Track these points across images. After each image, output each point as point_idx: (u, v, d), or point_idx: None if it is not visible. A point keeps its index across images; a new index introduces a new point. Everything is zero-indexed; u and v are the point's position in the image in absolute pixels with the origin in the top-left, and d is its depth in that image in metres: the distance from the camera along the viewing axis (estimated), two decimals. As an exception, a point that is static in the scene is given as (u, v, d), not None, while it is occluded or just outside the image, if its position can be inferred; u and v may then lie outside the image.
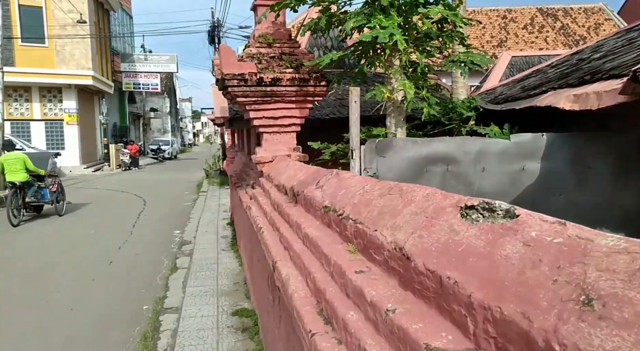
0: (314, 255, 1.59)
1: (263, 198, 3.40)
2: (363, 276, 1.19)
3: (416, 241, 1.07)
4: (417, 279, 1.00)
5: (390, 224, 1.23)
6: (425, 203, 1.19)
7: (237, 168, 7.36)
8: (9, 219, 9.40)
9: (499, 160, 3.35)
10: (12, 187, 9.53)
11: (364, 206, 1.44)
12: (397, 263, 1.12)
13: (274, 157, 4.07)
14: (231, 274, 5.89)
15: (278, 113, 4.03)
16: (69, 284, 5.91)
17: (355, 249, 1.37)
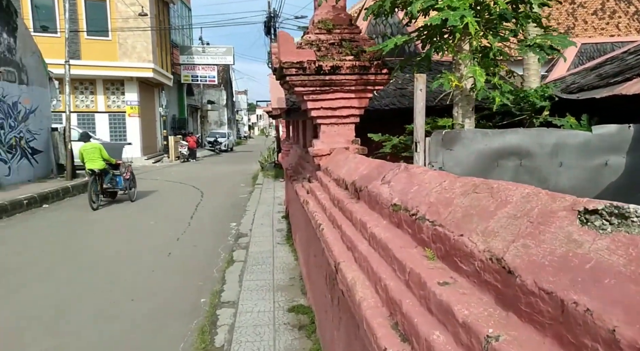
0: (383, 259, 1.43)
1: (321, 192, 3.27)
2: (449, 289, 1.02)
3: (520, 251, 0.88)
4: (525, 300, 0.81)
5: (480, 228, 1.04)
6: (525, 204, 0.99)
7: (293, 161, 7.30)
8: (90, 204, 10.49)
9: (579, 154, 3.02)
10: (92, 174, 10.56)
11: (443, 205, 1.26)
12: (492, 276, 0.93)
13: (331, 150, 3.93)
14: (287, 268, 5.84)
15: (336, 103, 3.88)
16: (130, 275, 6.11)
17: (434, 255, 1.20)
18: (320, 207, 2.95)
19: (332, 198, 2.75)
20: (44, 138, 15.06)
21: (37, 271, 6.26)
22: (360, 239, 1.77)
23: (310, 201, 3.45)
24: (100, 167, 10.60)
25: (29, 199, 11.12)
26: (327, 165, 3.66)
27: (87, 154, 10.57)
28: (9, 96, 13.27)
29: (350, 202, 2.23)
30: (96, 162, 10.55)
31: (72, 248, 7.45)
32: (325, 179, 3.36)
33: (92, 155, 10.57)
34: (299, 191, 4.49)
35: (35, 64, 14.82)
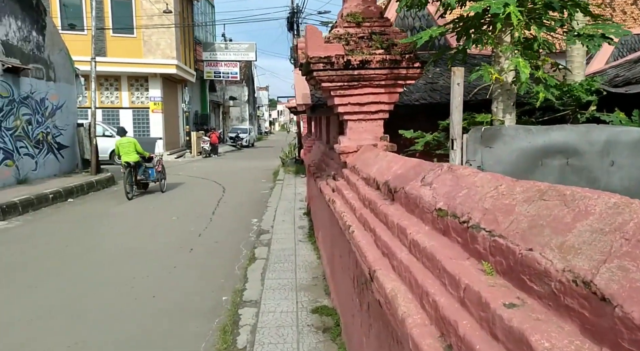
0: (429, 270, 1.29)
1: (349, 191, 3.13)
2: (519, 312, 0.87)
3: (616, 275, 0.73)
4: (630, 337, 0.66)
5: (555, 243, 0.89)
6: (615, 216, 0.84)
7: (315, 158, 7.18)
8: (125, 194, 11.31)
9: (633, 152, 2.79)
10: (127, 166, 11.29)
11: (502, 213, 1.10)
12: (577, 301, 0.78)
13: (358, 147, 3.78)
14: (309, 267, 5.73)
15: (365, 99, 3.73)
16: (152, 270, 6.08)
17: (492, 270, 1.05)
18: (349, 207, 2.81)
19: (362, 198, 2.61)
20: (69, 133, 15.30)
21: (59, 266, 6.30)
22: (398, 246, 1.62)
23: (336, 200, 3.32)
24: (134, 160, 11.29)
25: (55, 194, 11.29)
26: (354, 163, 3.52)
27: (123, 147, 11.31)
28: (37, 93, 13.50)
29: (384, 204, 2.08)
30: (131, 155, 11.26)
31: (94, 243, 7.49)
32: (353, 177, 3.22)
33: (128, 149, 11.30)
34: (324, 188, 4.36)
35: (62, 61, 15.04)
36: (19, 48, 12.66)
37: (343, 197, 3.20)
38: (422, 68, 3.62)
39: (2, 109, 11.88)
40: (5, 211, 9.34)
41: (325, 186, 4.47)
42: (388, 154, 2.78)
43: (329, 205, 3.63)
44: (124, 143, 11.40)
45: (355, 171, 3.31)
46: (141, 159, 11.62)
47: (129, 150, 11.33)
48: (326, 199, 3.89)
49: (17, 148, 12.48)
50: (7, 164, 12.06)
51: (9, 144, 12.15)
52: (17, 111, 12.55)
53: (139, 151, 11.52)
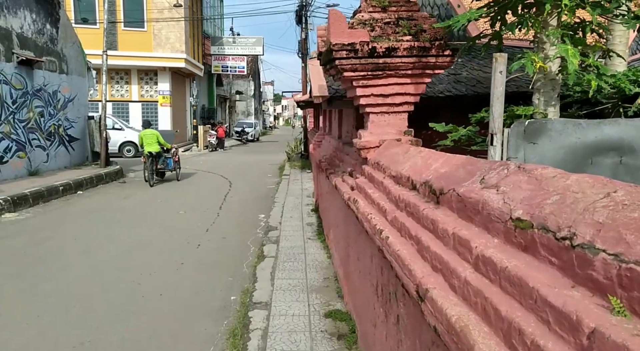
0: (515, 299, 1.01)
1: (374, 190, 2.85)
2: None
3: None
4: None
5: None
6: None
7: (327, 153, 6.90)
8: (148, 182, 12.25)
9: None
10: (150, 156, 12.22)
11: (631, 231, 0.82)
12: None
13: (380, 142, 3.50)
14: (320, 267, 5.47)
15: (389, 90, 3.44)
16: (159, 267, 5.85)
17: (623, 308, 0.78)
18: (377, 209, 2.53)
19: (394, 199, 2.33)
20: (80, 126, 15.13)
21: (66, 260, 6.08)
22: (457, 261, 1.34)
23: (359, 199, 3.04)
24: (156, 150, 12.26)
25: (65, 186, 11.12)
26: (377, 159, 3.23)
27: (146, 138, 12.28)
28: (49, 85, 13.31)
29: (428, 207, 1.80)
30: (153, 146, 12.20)
31: (101, 237, 7.27)
32: (378, 175, 2.94)
33: (151, 140, 12.26)
34: (340, 186, 4.09)
35: (75, 54, 14.85)
36: (33, 40, 12.47)
37: (367, 196, 2.92)
38: (453, 56, 3.32)
39: (15, 101, 11.72)
40: (16, 203, 9.17)
41: (341, 183, 4.20)
42: (422, 150, 2.49)
43: (349, 204, 3.35)
44: (147, 134, 12.36)
45: (379, 168, 3.03)
46: (162, 150, 12.55)
47: (152, 141, 12.25)
48: (344, 198, 3.61)
49: (30, 140, 12.34)
50: (20, 155, 11.91)
51: (21, 136, 12.00)
52: (30, 103, 12.39)
53: (161, 142, 12.47)
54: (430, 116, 4.12)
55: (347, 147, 5.03)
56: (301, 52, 18.91)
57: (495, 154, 2.61)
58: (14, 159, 11.56)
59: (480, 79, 4.47)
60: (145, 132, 12.54)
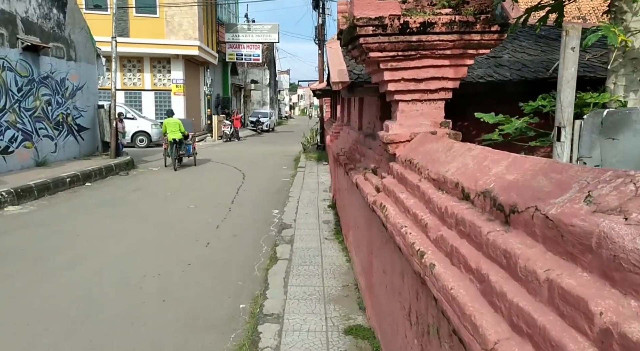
0: None
1: (407, 195, 2.35)
2: None
3: None
4: None
5: None
6: None
7: (345, 146, 6.38)
8: (174, 166, 13.39)
9: None
10: (173, 143, 13.29)
11: None
12: None
13: (412, 135, 2.98)
14: (338, 272, 4.99)
15: (423, 73, 2.91)
16: (164, 268, 5.46)
17: None
18: (413, 221, 2.03)
19: (438, 210, 1.82)
20: (90, 115, 14.85)
21: (66, 259, 5.72)
22: (564, 330, 0.84)
23: (388, 205, 2.54)
24: (179, 137, 13.30)
25: (72, 178, 10.84)
26: (408, 156, 2.72)
27: (170, 126, 13.36)
28: (57, 72, 13.00)
29: (494, 230, 1.29)
30: (176, 133, 13.24)
31: (106, 233, 6.92)
32: (412, 176, 2.43)
33: (174, 128, 13.31)
34: (362, 185, 3.58)
35: (83, 40, 14.50)
36: (39, 26, 12.13)
37: (398, 202, 2.42)
38: (502, 32, 2.77)
39: (21, 88, 11.42)
40: (20, 195, 8.89)
41: (363, 182, 3.70)
42: (471, 146, 1.97)
43: (374, 209, 2.85)
44: (171, 123, 13.45)
45: (412, 168, 2.52)
46: (182, 137, 13.54)
47: (175, 129, 13.30)
48: (368, 201, 3.11)
49: (37, 129, 12.06)
50: (26, 145, 11.65)
51: (28, 125, 11.72)
52: (37, 91, 12.09)
53: (182, 130, 13.45)
54: (465, 105, 3.58)
55: (369, 140, 4.52)
56: (318, 38, 18.29)
57: (564, 153, 2.08)
58: (20, 149, 11.30)
59: (525, 62, 3.89)
60: (169, 120, 13.60)
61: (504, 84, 3.57)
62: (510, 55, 4.15)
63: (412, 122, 3.04)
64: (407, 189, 2.44)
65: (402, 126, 3.04)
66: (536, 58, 3.95)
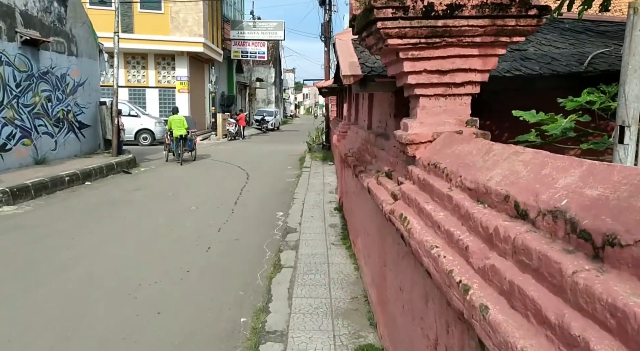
0: None
1: (434, 206, 1.98)
2: None
3: None
4: None
5: None
6: None
7: (354, 146, 6.02)
8: (179, 161, 14.15)
9: None
10: (179, 139, 14.16)
11: None
12: None
13: (435, 135, 2.61)
14: (346, 282, 4.62)
15: (448, 64, 2.54)
16: (161, 275, 5.12)
17: None
18: (449, 241, 1.66)
19: (482, 230, 1.45)
20: (92, 112, 14.56)
21: (59, 264, 5.41)
22: None
23: (410, 218, 2.17)
24: (184, 133, 14.17)
25: (71, 176, 10.55)
26: (433, 159, 2.36)
27: (175, 123, 14.14)
28: (57, 67, 12.70)
29: (582, 268, 0.93)
30: (181, 129, 14.10)
31: (103, 236, 6.59)
32: (438, 183, 2.06)
33: (179, 124, 14.10)
34: (376, 190, 3.22)
35: (85, 35, 14.20)
36: (39, 19, 11.82)
37: (423, 214, 2.05)
38: (540, 18, 2.40)
39: (19, 84, 11.11)
40: (16, 195, 8.59)
41: (376, 186, 3.33)
42: (520, 150, 1.60)
43: (392, 220, 2.49)
44: (175, 120, 14.24)
45: (439, 173, 2.15)
46: (187, 133, 14.35)
47: (180, 125, 14.10)
48: (383, 209, 2.75)
49: (36, 126, 11.76)
50: (25, 143, 11.35)
51: (26, 122, 11.42)
52: (36, 87, 11.79)
53: (186, 126, 14.24)
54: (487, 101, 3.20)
55: (380, 141, 4.15)
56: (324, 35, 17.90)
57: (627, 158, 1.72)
58: (18, 147, 10.99)
59: (553, 55, 3.51)
60: (174, 117, 14.40)
61: (533, 79, 3.19)
62: (536, 48, 3.77)
63: (434, 120, 2.68)
64: (434, 199, 2.07)
65: (423, 124, 2.67)
66: (565, 51, 3.57)
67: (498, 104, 3.35)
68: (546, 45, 3.81)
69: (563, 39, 3.97)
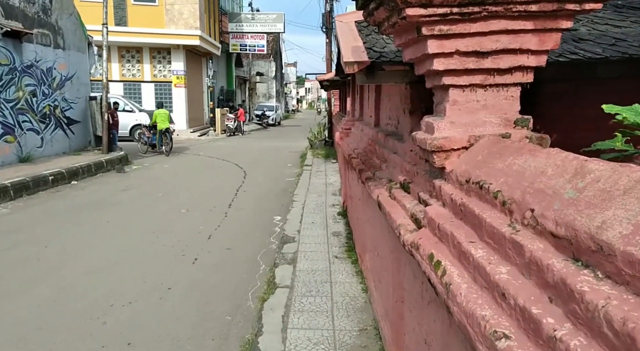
0: None
1: (491, 255, 1.31)
2: None
3: None
4: None
5: None
6: None
7: (358, 145, 5.34)
8: (165, 153, 15.01)
9: None
10: (164, 132, 15.03)
11: None
12: None
13: (472, 140, 1.94)
14: (352, 307, 3.95)
15: (490, 42, 1.86)
16: (139, 293, 4.48)
17: None
18: (530, 331, 0.99)
19: (607, 331, 0.77)
20: (81, 107, 13.90)
21: (27, 276, 4.82)
22: None
23: (447, 263, 1.50)
24: (168, 126, 15.03)
25: (56, 175, 9.91)
26: (473, 174, 1.68)
27: (160, 117, 14.91)
28: (43, 61, 12.02)
29: None
30: (165, 123, 14.95)
31: (80, 244, 5.95)
32: (490, 215, 1.39)
33: (163, 118, 14.93)
34: (390, 208, 2.55)
35: (73, 27, 13.49)
36: (22, 10, 11.13)
37: (470, 263, 1.38)
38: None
39: (1, 78, 10.45)
40: (-7, 196, 7.97)
41: (389, 202, 2.66)
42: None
43: (416, 257, 1.82)
44: (161, 113, 15.03)
45: (487, 198, 1.48)
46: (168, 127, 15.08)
47: (165, 119, 14.95)
48: (402, 238, 2.07)
49: (19, 122, 11.11)
50: (7, 140, 10.72)
51: (9, 118, 10.77)
52: (19, 81, 11.13)
53: (168, 120, 15.09)
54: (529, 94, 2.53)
55: (392, 142, 3.47)
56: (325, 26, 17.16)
57: None
58: (0, 144, 10.35)
59: (615, 35, 2.81)
60: (160, 111, 15.15)
61: (594, 64, 2.51)
62: (589, 27, 3.07)
63: (469, 120, 2.00)
64: (484, 239, 1.39)
65: (455, 125, 1.99)
66: (631, 31, 2.88)
67: (542, 98, 2.67)
68: (601, 24, 3.12)
69: (620, 16, 3.28)
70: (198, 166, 13.08)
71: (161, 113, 15.05)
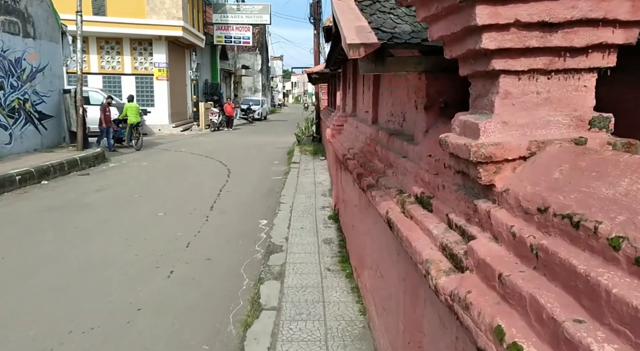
0: None
1: (611, 340, 0.74)
2: None
3: None
4: None
5: None
6: None
7: (354, 144, 4.77)
8: (135, 146, 14.77)
9: None
10: (134, 126, 14.70)
11: None
12: None
13: (534, 147, 1.39)
14: (349, 334, 3.40)
15: (562, 10, 1.31)
16: (103, 316, 3.87)
17: None
18: None
19: None
20: (54, 101, 13.09)
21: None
22: None
23: (526, 346, 0.93)
24: (138, 121, 14.78)
25: (24, 175, 9.16)
26: (551, 200, 1.13)
27: (131, 110, 14.62)
28: (10, 51, 11.20)
29: None
30: (136, 117, 14.67)
31: (40, 255, 5.29)
32: (607, 275, 0.83)
33: (135, 112, 14.67)
34: (407, 232, 2.00)
35: (44, 14, 12.64)
36: (-16, -5, 10.31)
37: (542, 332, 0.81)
38: None
39: (-39, 69, 9.66)
40: (-49, 198, 7.23)
41: (405, 221, 2.11)
42: None
43: (466, 322, 1.26)
44: (132, 107, 14.73)
45: (592, 247, 0.92)
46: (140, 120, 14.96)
47: (136, 113, 14.66)
48: (434, 284, 1.52)
49: (-16, 118, 10.32)
50: (-29, 136, 9.93)
51: (-27, 112, 9.98)
52: (-17, 73, 10.33)
53: (138, 114, 14.82)
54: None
55: (399, 143, 2.90)
56: (313, 17, 16.53)
57: None
58: (-36, 141, 9.60)
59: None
60: (131, 105, 14.77)
61: None
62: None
63: (528, 119, 1.44)
64: (610, 323, 0.84)
65: (509, 126, 1.43)
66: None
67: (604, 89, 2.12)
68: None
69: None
70: (179, 164, 12.41)
71: (132, 107, 14.69)
